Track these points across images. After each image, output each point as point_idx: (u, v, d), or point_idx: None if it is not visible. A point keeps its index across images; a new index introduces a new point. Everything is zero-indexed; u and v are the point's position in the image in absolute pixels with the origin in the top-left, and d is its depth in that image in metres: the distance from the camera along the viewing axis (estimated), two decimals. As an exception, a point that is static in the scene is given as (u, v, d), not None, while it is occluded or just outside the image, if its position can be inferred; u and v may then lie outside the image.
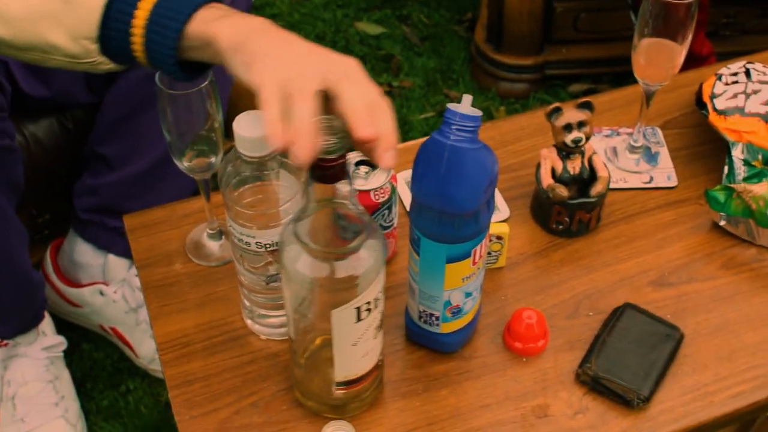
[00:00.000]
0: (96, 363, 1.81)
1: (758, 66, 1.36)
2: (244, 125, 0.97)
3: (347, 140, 0.82)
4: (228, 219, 1.05)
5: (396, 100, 2.39)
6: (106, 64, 1.01)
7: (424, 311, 1.08)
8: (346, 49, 2.54)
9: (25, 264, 1.57)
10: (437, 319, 1.08)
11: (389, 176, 1.14)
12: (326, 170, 0.82)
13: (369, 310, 0.93)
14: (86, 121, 1.71)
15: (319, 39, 2.57)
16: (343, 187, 0.85)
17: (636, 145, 1.37)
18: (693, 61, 2.02)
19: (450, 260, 1.01)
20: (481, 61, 2.42)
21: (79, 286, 1.77)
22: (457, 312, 1.08)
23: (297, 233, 0.89)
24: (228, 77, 1.68)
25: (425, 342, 1.13)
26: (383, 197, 1.14)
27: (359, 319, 0.93)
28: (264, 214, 1.02)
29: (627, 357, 1.10)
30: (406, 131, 2.31)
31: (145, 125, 1.61)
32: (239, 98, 1.76)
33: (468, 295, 1.06)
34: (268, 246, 1.03)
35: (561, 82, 2.41)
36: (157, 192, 1.64)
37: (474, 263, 1.03)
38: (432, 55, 2.52)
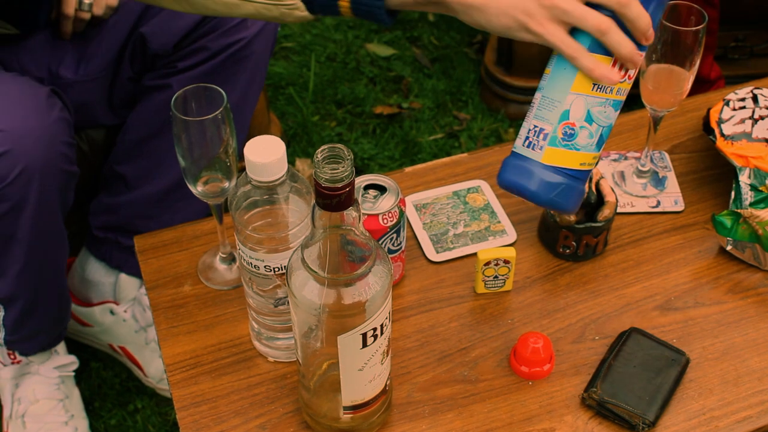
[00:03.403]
0: (104, 382, 1.82)
1: (765, 91, 1.37)
2: (254, 150, 0.98)
3: (353, 168, 0.83)
4: (237, 242, 1.06)
5: (406, 121, 2.40)
6: (301, 11, 1.04)
7: (535, 127, 1.01)
8: (356, 71, 2.56)
9: (65, 282, 1.60)
10: (545, 137, 1.00)
11: (398, 200, 1.15)
12: (333, 198, 0.83)
13: (375, 336, 0.94)
14: (102, 143, 1.72)
15: (330, 60, 2.59)
16: (350, 213, 0.86)
17: (643, 169, 1.37)
18: (701, 84, 2.03)
19: (592, 49, 0.98)
20: (491, 83, 2.43)
21: (90, 305, 1.78)
22: (569, 136, 1.00)
23: (304, 259, 0.90)
24: (250, 102, 1.71)
25: (517, 182, 1.01)
26: (392, 221, 1.15)
27: (365, 345, 0.94)
28: (273, 237, 1.03)
29: (632, 381, 1.11)
30: (415, 152, 2.32)
31: (166, 147, 1.64)
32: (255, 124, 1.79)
33: (590, 119, 1.00)
34: (276, 269, 1.04)
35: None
36: (173, 212, 1.66)
37: (614, 68, 0.98)
38: (442, 77, 2.54)
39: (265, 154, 0.98)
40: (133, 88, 1.68)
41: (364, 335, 0.93)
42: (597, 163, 1.03)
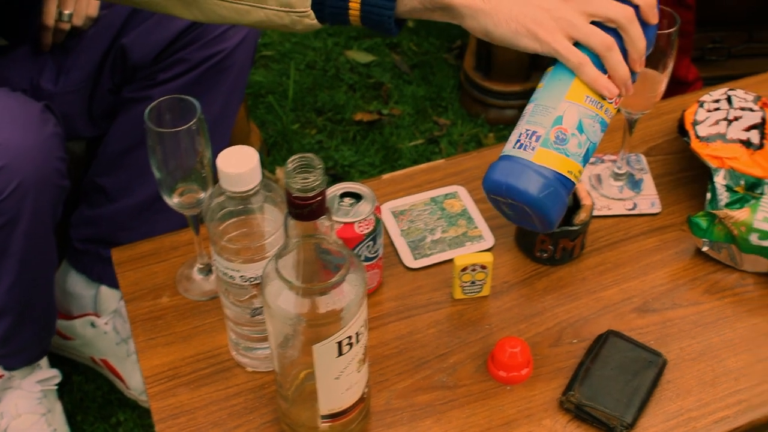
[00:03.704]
0: (86, 395, 1.82)
1: (739, 92, 1.38)
2: (227, 161, 0.98)
3: (325, 177, 0.83)
4: (213, 253, 1.06)
5: (386, 128, 2.41)
6: (311, 19, 1.06)
7: (527, 131, 1.02)
8: (336, 78, 2.56)
9: (53, 296, 1.61)
10: (537, 139, 1.00)
11: (374, 208, 1.15)
12: (305, 207, 0.84)
13: (351, 344, 0.94)
14: (81, 155, 1.72)
15: (310, 68, 2.59)
16: (323, 222, 0.86)
17: (620, 172, 1.38)
18: (679, 86, 2.04)
19: None
20: (470, 88, 2.44)
21: (71, 318, 1.78)
22: (561, 141, 1.00)
23: (278, 269, 0.90)
24: (231, 113, 1.71)
25: (505, 180, 1.00)
26: (368, 229, 1.15)
27: (341, 354, 0.94)
28: (248, 247, 1.03)
29: (610, 384, 1.11)
30: (395, 159, 2.32)
31: (146, 159, 1.63)
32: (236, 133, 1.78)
33: (580, 129, 1.01)
34: (252, 279, 1.04)
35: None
36: (154, 224, 1.66)
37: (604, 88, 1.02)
38: (421, 82, 2.54)
39: (238, 164, 0.98)
40: (113, 100, 1.68)
41: (340, 344, 0.93)
42: (579, 179, 1.04)
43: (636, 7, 1.02)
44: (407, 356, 1.17)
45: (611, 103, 1.03)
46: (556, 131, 1.01)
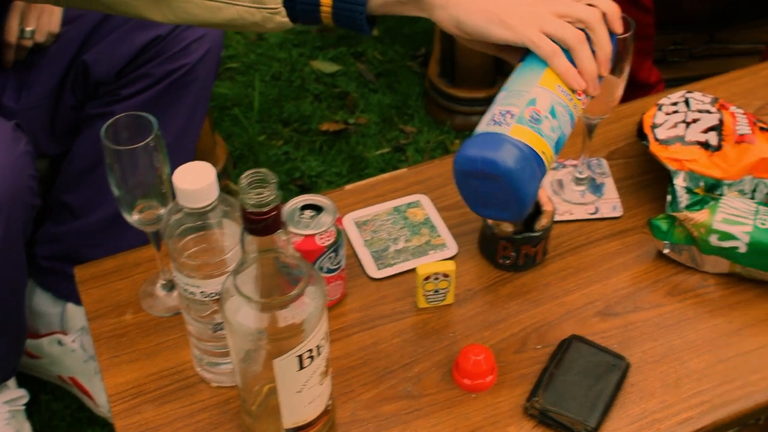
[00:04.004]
0: (55, 414, 1.81)
1: (697, 95, 1.39)
2: (183, 177, 0.98)
3: (279, 191, 0.83)
4: (173, 269, 1.05)
5: (352, 137, 2.41)
6: (282, 17, 1.06)
7: (501, 111, 1.02)
8: (301, 88, 2.56)
9: (24, 314, 1.60)
10: (512, 116, 1.00)
11: (334, 219, 1.15)
12: (260, 222, 0.84)
13: (311, 357, 0.94)
14: (45, 173, 1.71)
15: (275, 79, 2.59)
16: (279, 236, 0.86)
17: (581, 176, 1.39)
18: (641, 89, 2.05)
19: None
20: (436, 95, 2.44)
21: (37, 336, 1.77)
22: (536, 120, 1.01)
23: (237, 285, 0.90)
24: (195, 127, 1.70)
25: (480, 153, 0.99)
26: (329, 240, 1.15)
27: (302, 367, 0.94)
28: (208, 263, 1.03)
29: (574, 389, 1.12)
30: (362, 168, 2.32)
31: None
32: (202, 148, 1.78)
33: (553, 113, 1.02)
34: (213, 295, 1.04)
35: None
36: (120, 239, 1.64)
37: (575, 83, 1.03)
38: (387, 91, 2.55)
39: (195, 180, 0.98)
40: (76, 117, 1.67)
41: (300, 357, 0.93)
42: (550, 166, 1.04)
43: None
44: (372, 367, 1.17)
45: (579, 99, 1.05)
46: (531, 111, 1.01)
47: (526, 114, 1.01)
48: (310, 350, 0.93)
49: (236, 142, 2.40)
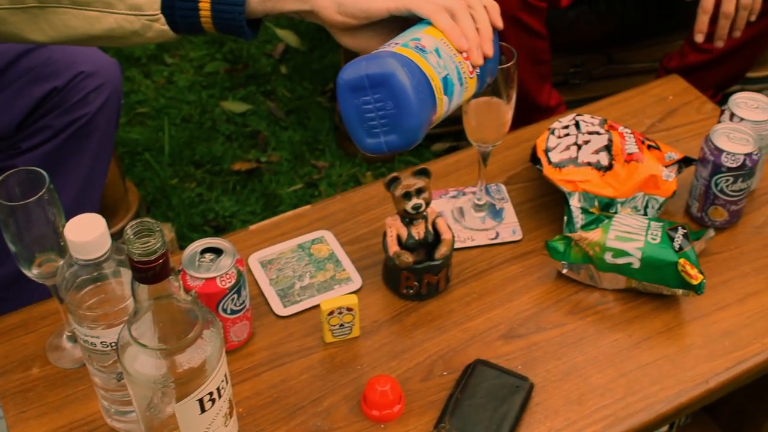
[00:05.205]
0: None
1: (586, 117, 1.43)
2: (74, 230, 0.99)
3: (164, 239, 0.85)
4: (73, 322, 1.05)
5: (265, 175, 2.42)
6: (162, 24, 1.05)
7: (386, 44, 1.06)
8: (212, 130, 2.57)
9: None
10: (396, 44, 1.04)
11: (234, 261, 1.16)
12: (149, 271, 0.85)
13: (213, 400, 0.95)
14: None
15: (186, 121, 2.60)
16: (170, 282, 0.87)
17: (480, 203, 1.42)
18: (541, 112, 2.10)
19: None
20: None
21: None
22: (419, 50, 1.03)
23: (132, 334, 0.91)
24: (100, 176, 1.69)
25: (364, 69, 1.00)
26: (230, 282, 1.16)
27: (203, 410, 0.94)
28: (107, 313, 1.03)
29: (480, 412, 1.14)
30: (276, 205, 2.33)
31: None
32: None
33: (438, 53, 1.04)
34: (113, 344, 1.04)
35: (424, 142, 2.47)
36: (29, 292, 1.63)
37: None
38: (298, 127, 2.57)
39: (86, 232, 0.98)
40: None
41: (201, 401, 0.94)
42: (440, 99, 1.05)
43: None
44: (282, 404, 1.18)
45: (467, 64, 1.07)
46: (415, 43, 1.04)
47: (411, 44, 1.04)
48: (211, 393, 0.94)
49: (149, 186, 2.40)
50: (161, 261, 0.84)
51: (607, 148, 1.37)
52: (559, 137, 1.41)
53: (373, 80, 1.00)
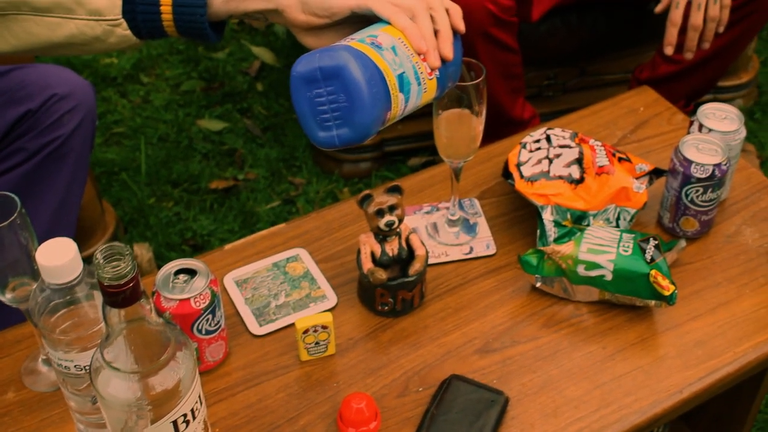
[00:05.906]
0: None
1: (557, 131, 1.44)
2: (46, 254, 0.99)
3: (134, 263, 0.85)
4: (46, 346, 1.06)
5: (242, 193, 2.42)
6: (124, 29, 1.04)
7: (343, 39, 1.07)
8: (189, 148, 2.57)
9: None
10: (352, 39, 1.06)
11: (208, 281, 1.17)
12: (119, 295, 0.85)
13: (187, 422, 0.95)
14: None
15: (162, 141, 2.60)
16: (143, 305, 0.88)
17: (453, 218, 1.43)
18: (515, 126, 2.11)
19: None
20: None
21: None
22: (375, 46, 1.05)
23: (104, 358, 0.91)
24: (75, 198, 1.68)
25: (319, 61, 1.02)
26: (204, 303, 1.16)
27: (177, 432, 0.95)
28: (81, 337, 1.03)
29: (455, 428, 1.14)
30: (254, 223, 2.34)
31: None
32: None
33: (395, 51, 1.06)
34: (87, 368, 1.05)
35: (401, 157, 2.49)
36: (4, 318, 1.63)
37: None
38: (274, 144, 2.57)
39: (57, 256, 0.98)
40: None
41: (175, 423, 0.94)
42: (395, 94, 1.06)
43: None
44: (258, 424, 1.18)
45: (424, 66, 1.08)
46: (371, 40, 1.05)
47: (367, 40, 1.05)
48: (185, 415, 0.94)
49: (126, 207, 2.40)
50: (131, 285, 0.85)
51: (578, 161, 1.38)
52: (531, 151, 1.42)
53: (326, 72, 1.01)
